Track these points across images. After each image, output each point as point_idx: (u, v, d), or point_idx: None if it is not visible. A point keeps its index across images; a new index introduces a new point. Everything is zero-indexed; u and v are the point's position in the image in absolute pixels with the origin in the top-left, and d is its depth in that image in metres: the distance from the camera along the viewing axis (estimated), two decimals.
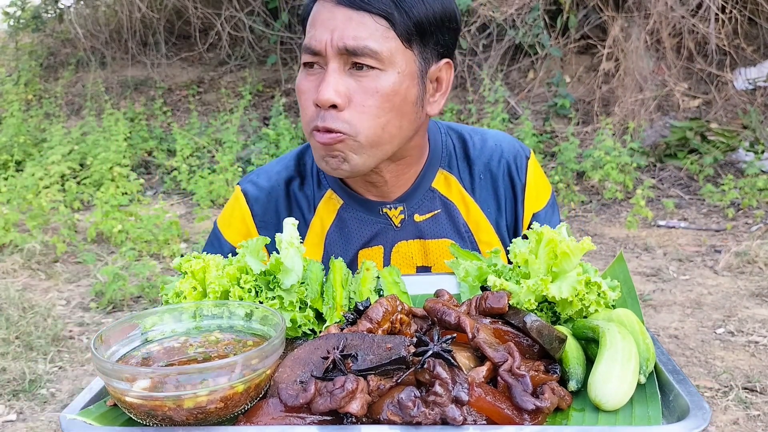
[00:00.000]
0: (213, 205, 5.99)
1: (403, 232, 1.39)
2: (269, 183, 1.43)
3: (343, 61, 1.18)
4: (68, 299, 4.26)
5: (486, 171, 1.43)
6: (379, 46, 1.17)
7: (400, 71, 1.20)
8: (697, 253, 4.72)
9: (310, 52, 1.20)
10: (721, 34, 6.43)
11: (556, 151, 6.23)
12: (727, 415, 2.90)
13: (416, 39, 1.21)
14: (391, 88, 1.20)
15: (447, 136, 1.45)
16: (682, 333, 3.60)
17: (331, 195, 1.41)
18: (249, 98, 7.41)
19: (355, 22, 1.17)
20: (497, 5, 6.83)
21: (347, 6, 1.17)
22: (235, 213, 1.43)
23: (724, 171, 5.98)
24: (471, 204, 1.42)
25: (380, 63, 1.18)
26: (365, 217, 1.39)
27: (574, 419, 0.87)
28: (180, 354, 0.95)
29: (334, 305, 1.13)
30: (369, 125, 1.20)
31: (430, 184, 1.40)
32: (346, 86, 1.18)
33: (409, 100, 1.24)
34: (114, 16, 8.50)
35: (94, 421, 0.86)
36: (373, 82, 1.19)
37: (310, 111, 1.22)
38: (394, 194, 1.38)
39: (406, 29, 1.19)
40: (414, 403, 0.79)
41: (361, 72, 1.19)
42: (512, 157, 1.44)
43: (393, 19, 1.18)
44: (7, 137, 6.86)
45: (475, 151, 1.44)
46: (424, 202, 1.40)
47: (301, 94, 1.24)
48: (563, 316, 1.08)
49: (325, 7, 1.20)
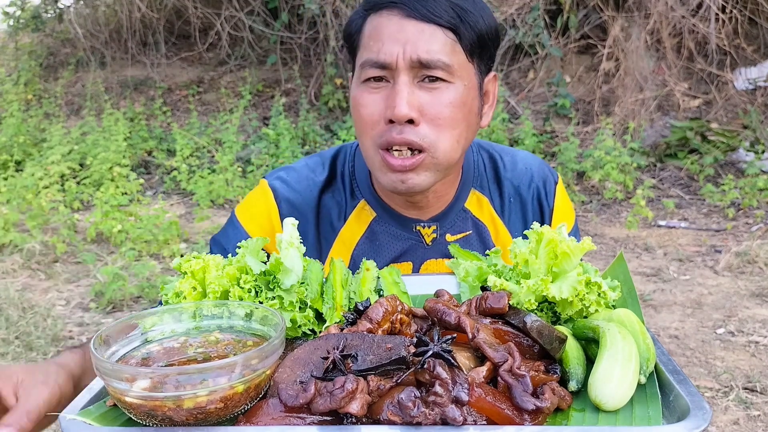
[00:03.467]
0: (213, 205, 5.99)
1: (433, 250, 1.39)
2: (301, 186, 1.40)
3: (413, 74, 1.18)
4: (68, 299, 4.26)
5: (516, 194, 1.44)
6: (450, 59, 1.18)
7: (466, 84, 1.22)
8: (697, 253, 4.72)
9: (378, 65, 1.19)
10: (721, 34, 6.43)
11: (557, 151, 6.23)
12: (728, 415, 2.90)
13: (477, 52, 1.23)
14: (460, 99, 1.21)
15: (478, 155, 1.45)
16: (682, 333, 3.60)
17: (364, 206, 1.40)
18: (249, 98, 7.42)
19: (427, 35, 1.17)
20: (497, 5, 6.83)
21: (418, 19, 1.17)
22: (259, 207, 1.40)
23: (724, 171, 5.98)
24: (500, 226, 1.42)
25: (450, 76, 1.19)
26: (397, 233, 1.38)
27: (575, 419, 0.87)
28: (180, 354, 0.95)
29: (334, 305, 1.13)
30: (446, 138, 1.20)
31: (463, 204, 1.41)
32: (418, 100, 1.18)
33: (474, 112, 1.26)
34: (114, 16, 8.50)
35: (94, 421, 0.86)
36: (444, 94, 1.19)
37: (378, 127, 1.21)
38: (429, 213, 1.38)
39: (470, 42, 1.20)
40: (414, 403, 0.79)
41: (432, 85, 1.19)
42: (542, 182, 1.45)
43: (460, 33, 1.19)
44: (7, 137, 6.87)
45: (505, 173, 1.44)
46: (457, 222, 1.40)
47: (363, 108, 1.22)
48: (563, 316, 1.08)
49: (391, 20, 1.19)
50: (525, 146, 6.12)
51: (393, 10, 1.19)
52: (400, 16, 1.18)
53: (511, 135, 6.46)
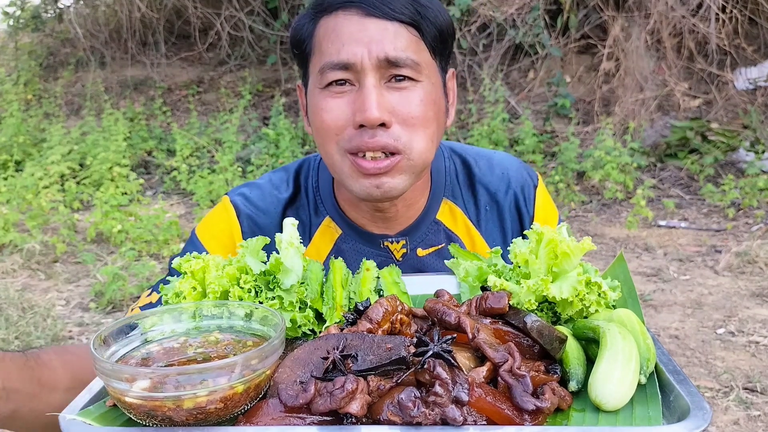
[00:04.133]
0: (213, 205, 5.98)
1: (403, 266, 1.32)
2: (265, 204, 1.34)
3: (380, 75, 1.13)
4: (68, 299, 4.26)
5: (492, 202, 1.37)
6: (418, 56, 1.14)
7: (433, 82, 1.18)
8: (697, 253, 4.71)
9: (341, 67, 1.13)
10: (721, 33, 6.43)
11: (557, 151, 6.23)
12: (728, 415, 2.90)
13: (439, 49, 1.19)
14: (430, 97, 1.16)
15: (450, 161, 1.39)
16: (682, 333, 3.60)
17: (329, 223, 1.34)
18: (249, 98, 7.42)
19: (392, 33, 1.12)
20: (497, 5, 6.83)
21: (379, 17, 1.12)
22: (221, 225, 1.34)
23: (724, 171, 5.97)
24: (476, 237, 1.36)
25: (418, 74, 1.14)
26: (365, 249, 1.33)
27: (575, 419, 0.87)
28: (180, 354, 0.94)
29: (334, 305, 1.13)
30: (420, 137, 1.15)
31: (434, 216, 1.34)
32: (388, 101, 1.13)
33: (442, 110, 1.21)
34: (114, 16, 8.50)
35: (94, 421, 0.86)
36: (413, 93, 1.15)
37: (345, 133, 1.15)
38: (398, 227, 1.32)
39: (432, 39, 1.17)
40: (414, 403, 0.79)
41: (400, 84, 1.14)
42: (519, 187, 1.38)
43: (422, 29, 1.15)
44: (7, 137, 6.87)
45: (481, 178, 1.38)
46: (428, 235, 1.34)
47: (326, 114, 1.15)
48: (563, 316, 1.08)
49: (350, 20, 1.13)
50: (525, 146, 6.12)
51: (350, 10, 1.13)
52: (360, 15, 1.13)
53: (511, 135, 6.46)
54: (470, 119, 6.60)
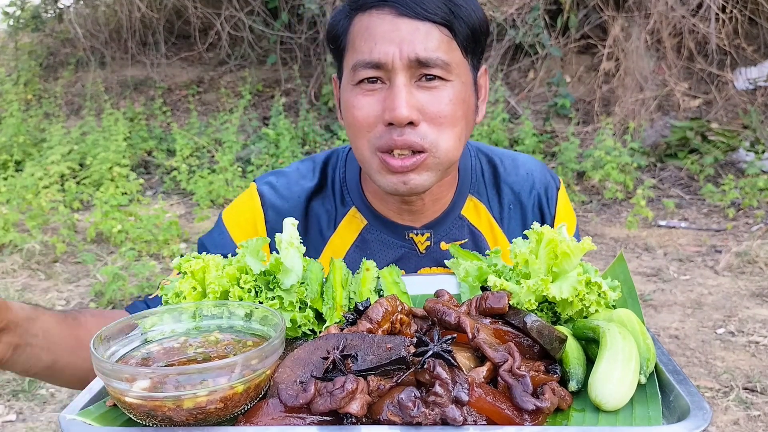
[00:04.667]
0: (213, 205, 5.99)
1: (426, 258, 1.35)
2: (290, 192, 1.38)
3: (410, 74, 1.15)
4: (68, 299, 4.26)
5: (516, 201, 1.40)
6: (448, 56, 1.15)
7: (463, 81, 1.19)
8: (697, 253, 4.72)
9: (372, 65, 1.15)
10: (721, 34, 6.43)
11: (557, 151, 6.23)
12: (728, 415, 2.90)
13: (471, 48, 1.21)
14: (459, 96, 1.18)
15: (476, 159, 1.42)
16: (682, 333, 3.60)
17: (354, 213, 1.37)
18: (249, 98, 7.42)
19: (423, 33, 1.14)
20: (497, 5, 6.83)
21: (411, 17, 1.14)
22: (246, 213, 1.38)
23: (724, 171, 5.98)
24: (499, 234, 1.39)
25: (448, 74, 1.16)
26: (390, 240, 1.35)
27: (575, 419, 0.87)
28: (180, 354, 0.94)
29: (334, 305, 1.13)
30: (447, 136, 1.18)
31: (459, 211, 1.38)
32: (417, 100, 1.15)
33: (471, 109, 1.23)
34: (114, 16, 8.50)
35: (94, 421, 0.86)
36: (443, 93, 1.17)
37: (376, 130, 1.18)
38: (424, 219, 1.35)
39: (465, 38, 1.18)
40: (414, 403, 0.79)
41: (430, 84, 1.16)
42: (543, 188, 1.42)
43: (455, 29, 1.16)
44: (7, 137, 6.86)
45: (506, 177, 1.41)
46: (453, 229, 1.37)
47: (358, 111, 1.19)
48: (563, 316, 1.08)
49: (383, 19, 1.15)
50: (525, 146, 6.12)
51: (383, 9, 1.16)
52: (393, 15, 1.15)
53: (511, 135, 6.46)
54: None
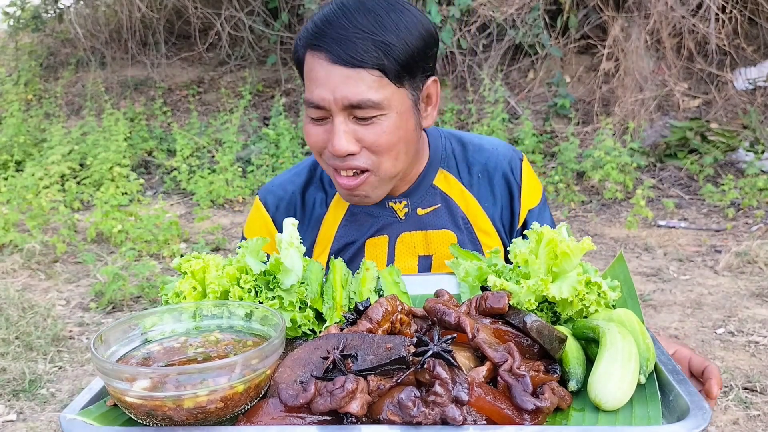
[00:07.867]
0: (213, 205, 5.99)
1: (406, 224, 1.51)
2: (285, 191, 1.57)
3: (347, 113, 1.28)
4: (68, 299, 4.26)
5: (484, 171, 1.55)
6: (378, 96, 1.26)
7: (399, 111, 1.30)
8: (697, 253, 4.72)
9: (314, 106, 1.29)
10: (721, 34, 6.43)
11: (556, 151, 6.23)
12: (727, 415, 2.90)
13: (406, 77, 1.30)
14: (394, 126, 1.29)
15: (447, 140, 1.58)
16: (682, 333, 3.60)
17: None
18: (249, 98, 7.41)
19: (353, 80, 1.24)
20: (497, 5, 6.83)
21: (342, 65, 1.24)
22: (257, 222, 1.58)
23: (724, 171, 5.98)
24: (470, 199, 1.53)
25: (381, 110, 1.27)
26: (373, 210, 1.51)
27: (574, 419, 0.87)
28: (180, 354, 0.95)
29: (334, 305, 1.13)
30: (386, 159, 1.32)
31: (431, 182, 1.52)
32: (355, 134, 1.29)
33: (411, 129, 1.34)
34: (114, 16, 8.50)
35: (94, 421, 0.86)
36: (378, 126, 1.28)
37: (326, 153, 1.33)
38: (399, 190, 1.50)
39: (396, 73, 1.27)
40: (414, 403, 0.79)
41: (366, 120, 1.28)
42: (507, 159, 1.57)
43: (385, 69, 1.25)
44: (7, 137, 6.86)
45: (474, 154, 1.57)
46: (426, 197, 1.52)
47: (310, 137, 1.35)
48: (563, 316, 1.08)
49: (320, 65, 1.26)
50: (525, 146, 6.12)
51: (321, 52, 1.26)
52: (328, 61, 1.25)
53: (510, 135, 6.46)
54: (470, 119, 6.60)
